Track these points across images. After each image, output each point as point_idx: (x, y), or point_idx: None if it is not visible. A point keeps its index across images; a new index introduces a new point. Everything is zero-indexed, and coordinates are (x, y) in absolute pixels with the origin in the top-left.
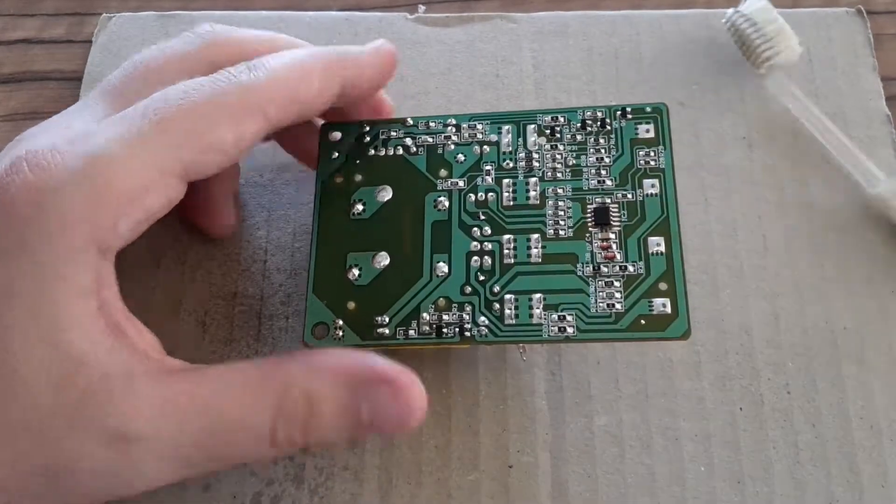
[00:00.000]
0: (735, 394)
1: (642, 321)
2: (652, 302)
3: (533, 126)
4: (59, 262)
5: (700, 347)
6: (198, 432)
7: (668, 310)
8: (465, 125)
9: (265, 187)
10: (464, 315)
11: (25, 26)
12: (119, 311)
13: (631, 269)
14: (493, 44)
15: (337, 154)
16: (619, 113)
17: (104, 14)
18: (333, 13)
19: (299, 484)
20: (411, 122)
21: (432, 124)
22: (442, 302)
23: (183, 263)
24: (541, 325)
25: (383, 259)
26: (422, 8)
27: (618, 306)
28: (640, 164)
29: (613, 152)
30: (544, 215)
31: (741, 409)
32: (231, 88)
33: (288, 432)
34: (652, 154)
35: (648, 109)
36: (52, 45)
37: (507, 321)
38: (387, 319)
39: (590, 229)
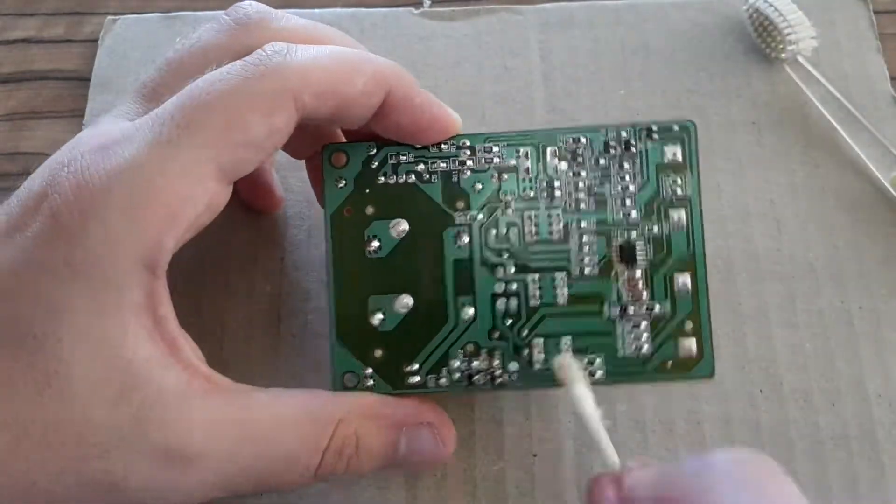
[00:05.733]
0: (754, 376)
1: (669, 363)
2: (678, 343)
3: (553, 149)
4: (110, 282)
5: (718, 331)
6: (248, 460)
7: (694, 351)
8: (479, 147)
9: (280, 183)
10: (493, 361)
11: (25, 26)
12: (174, 327)
13: (657, 308)
14: (500, 36)
15: (343, 182)
16: (644, 132)
17: (109, 17)
18: (338, 10)
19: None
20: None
21: (444, 146)
22: (471, 348)
23: (200, 262)
24: None
25: (406, 301)
26: (427, 2)
27: (645, 348)
28: (666, 193)
29: (638, 179)
30: (569, 251)
31: (761, 391)
32: (262, 72)
33: (333, 467)
34: (679, 181)
35: (675, 128)
36: (52, 45)
37: (537, 366)
38: (416, 367)
39: (615, 266)
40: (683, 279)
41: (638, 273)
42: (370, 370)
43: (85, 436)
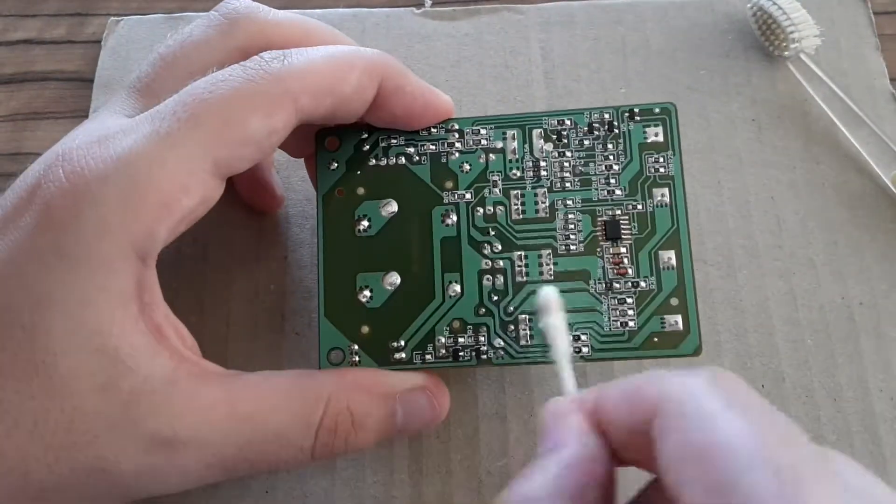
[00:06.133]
0: (756, 371)
1: (655, 339)
2: (664, 318)
3: (539, 131)
4: (98, 270)
5: (720, 326)
6: (240, 441)
7: (680, 326)
8: (468, 130)
9: (282, 183)
10: (479, 337)
11: (26, 27)
12: (161, 315)
13: (643, 284)
14: (501, 35)
15: (336, 164)
16: (626, 114)
17: (112, 18)
18: (340, 10)
19: (332, 477)
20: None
21: (434, 130)
22: (457, 324)
23: (204, 261)
24: None
25: (393, 278)
26: (428, 2)
27: (631, 324)
28: (649, 172)
29: (622, 159)
30: (555, 229)
31: (763, 385)
32: (262, 77)
33: (330, 445)
34: (661, 160)
35: (657, 110)
36: (53, 46)
37: (523, 342)
38: (402, 343)
39: (601, 243)
40: (668, 255)
41: (623, 249)
42: (356, 347)
43: (75, 424)
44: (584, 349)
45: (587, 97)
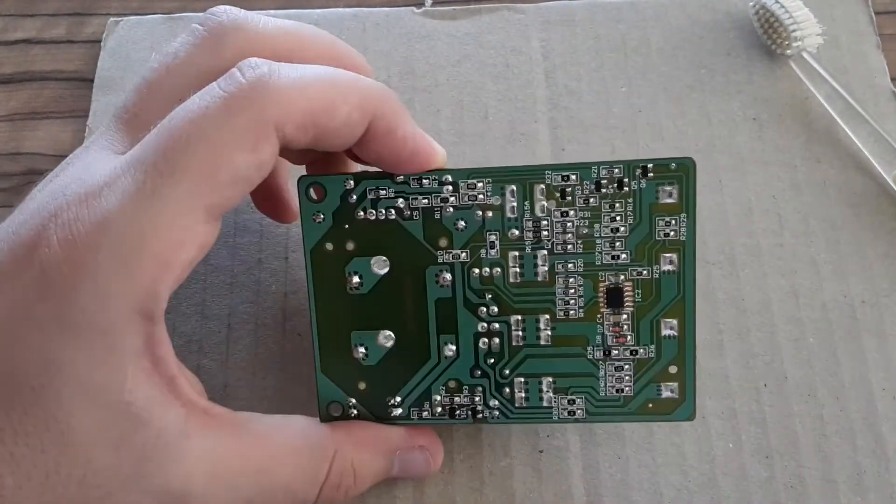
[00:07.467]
0: (759, 371)
1: (650, 405)
2: (661, 386)
3: (541, 186)
4: (105, 334)
5: (722, 326)
6: (249, 493)
7: (676, 395)
8: (462, 184)
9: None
10: (475, 397)
11: (26, 27)
12: (174, 366)
13: (641, 352)
14: (502, 34)
15: (322, 217)
16: (639, 171)
17: (111, 18)
18: (340, 10)
19: None
20: (401, 178)
21: (426, 181)
22: (453, 384)
23: (205, 263)
24: (551, 408)
25: (388, 337)
26: (429, 2)
27: (626, 390)
28: (658, 236)
29: (630, 220)
30: (554, 294)
31: (765, 385)
32: (241, 103)
33: (332, 496)
34: (673, 223)
35: (673, 166)
36: (53, 46)
37: (518, 404)
38: (399, 400)
39: (601, 310)
40: (671, 324)
41: (624, 316)
42: (354, 401)
43: (87, 479)
44: (579, 412)
45: (588, 96)
